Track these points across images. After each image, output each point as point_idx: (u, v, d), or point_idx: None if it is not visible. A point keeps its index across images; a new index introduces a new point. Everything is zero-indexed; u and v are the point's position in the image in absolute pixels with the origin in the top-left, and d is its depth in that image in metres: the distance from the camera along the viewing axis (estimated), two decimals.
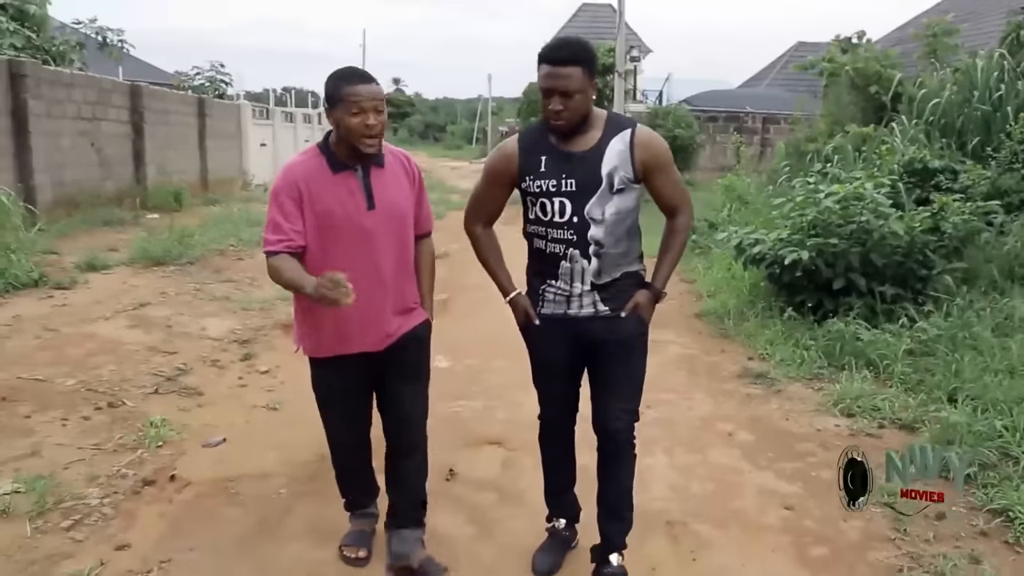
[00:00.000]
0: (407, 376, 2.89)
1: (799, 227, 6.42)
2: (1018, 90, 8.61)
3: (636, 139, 2.65)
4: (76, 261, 8.37)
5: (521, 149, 2.74)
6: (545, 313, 2.79)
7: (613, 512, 2.91)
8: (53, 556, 3.04)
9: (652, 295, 2.80)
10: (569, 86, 2.53)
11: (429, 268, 2.98)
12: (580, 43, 2.64)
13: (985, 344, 4.95)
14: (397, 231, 2.74)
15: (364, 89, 2.54)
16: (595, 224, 2.64)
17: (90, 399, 4.66)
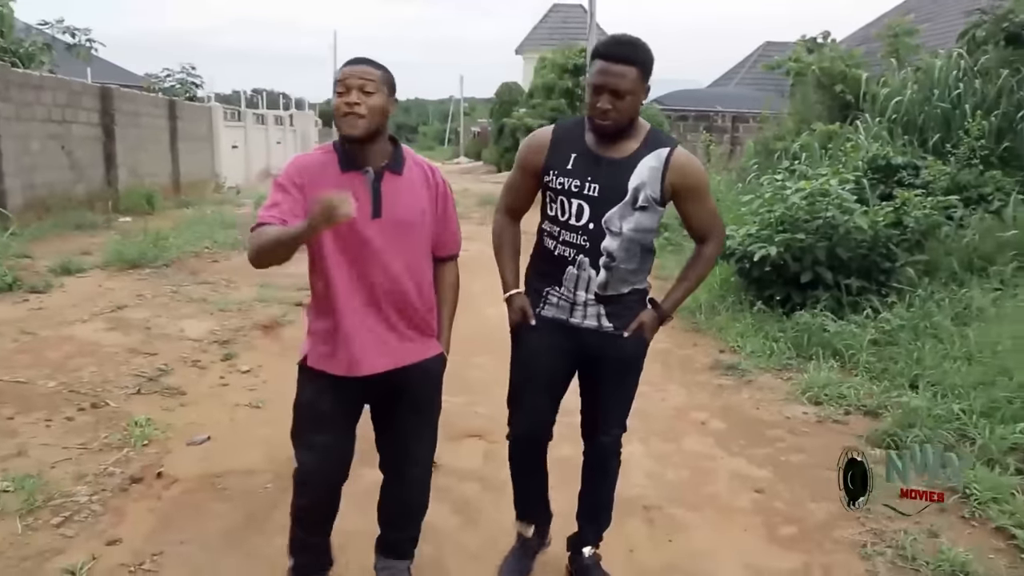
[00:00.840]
0: (414, 414, 2.64)
1: (767, 223, 6.61)
2: (975, 88, 8.87)
3: (672, 161, 2.53)
4: (50, 265, 8.34)
5: (554, 141, 2.62)
6: (545, 316, 2.69)
7: (592, 515, 2.94)
8: (45, 552, 3.10)
9: (658, 316, 2.72)
10: (621, 85, 2.40)
11: (451, 296, 2.71)
12: (640, 43, 2.49)
13: (945, 333, 5.16)
14: (405, 246, 2.46)
15: (351, 68, 2.35)
16: (611, 235, 2.53)
17: (72, 400, 4.70)
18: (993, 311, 5.34)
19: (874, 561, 3.07)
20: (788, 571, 3.04)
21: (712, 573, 3.02)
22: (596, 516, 2.95)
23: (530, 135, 2.78)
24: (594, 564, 2.92)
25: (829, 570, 3.04)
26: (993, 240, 6.64)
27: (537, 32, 36.85)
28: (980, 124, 7.93)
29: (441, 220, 2.59)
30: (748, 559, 3.12)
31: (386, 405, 2.64)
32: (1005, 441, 3.81)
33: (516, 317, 2.73)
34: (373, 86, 2.34)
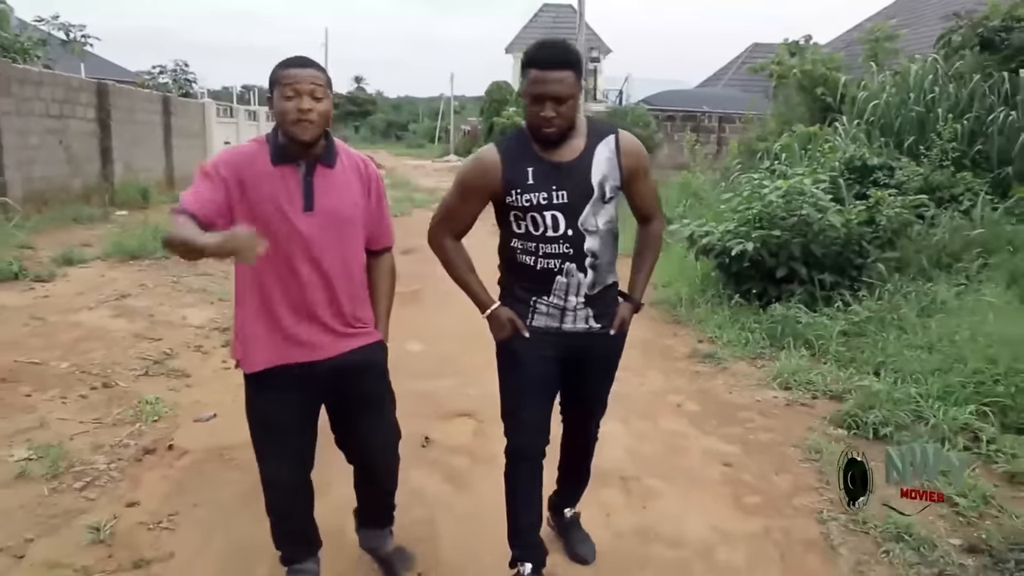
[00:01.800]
0: (363, 406, 2.65)
1: (746, 220, 6.91)
2: (949, 92, 9.20)
3: (621, 145, 2.57)
4: (52, 255, 8.58)
5: (504, 160, 2.55)
6: (537, 326, 2.65)
7: (571, 487, 3.16)
8: (70, 512, 3.38)
9: (633, 307, 2.77)
10: (561, 91, 2.40)
11: (387, 287, 2.74)
12: (569, 46, 2.52)
13: (909, 324, 5.47)
14: (338, 239, 2.47)
15: (300, 71, 2.32)
16: (590, 235, 2.54)
17: (85, 380, 4.97)
18: (956, 304, 5.65)
19: (828, 525, 3.37)
20: (750, 534, 3.34)
21: (681, 534, 3.31)
22: (575, 486, 3.16)
23: (473, 157, 2.69)
24: (574, 521, 3.18)
25: (788, 533, 3.34)
26: (961, 238, 6.96)
27: (527, 31, 37.15)
28: (952, 127, 8.25)
29: (375, 213, 2.60)
30: (714, 523, 3.42)
31: (336, 402, 2.65)
32: (956, 421, 4.12)
33: (505, 331, 2.67)
34: (322, 91, 2.34)
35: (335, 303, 2.50)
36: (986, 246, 6.73)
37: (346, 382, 2.57)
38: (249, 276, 2.45)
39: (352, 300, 2.56)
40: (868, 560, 3.10)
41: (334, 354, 2.51)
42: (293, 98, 2.30)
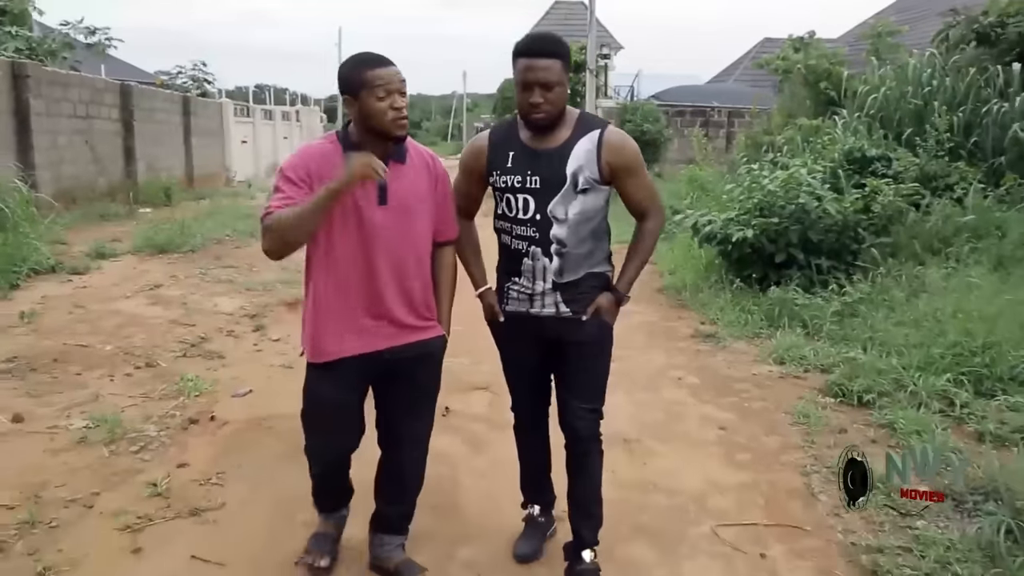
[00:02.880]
0: (414, 394, 2.78)
1: (746, 209, 7.25)
2: (946, 86, 9.50)
3: (604, 140, 2.63)
4: (85, 250, 9.02)
5: (491, 144, 2.75)
6: (509, 311, 2.81)
7: (582, 510, 2.94)
8: (129, 471, 3.77)
9: (615, 298, 2.79)
10: (549, 78, 2.52)
11: (449, 279, 2.83)
12: (555, 37, 2.65)
13: (897, 303, 5.80)
14: (409, 231, 2.59)
15: (388, 71, 2.43)
16: (557, 223, 2.63)
17: (129, 360, 5.38)
18: (943, 285, 5.97)
19: (811, 477, 3.73)
20: (740, 484, 3.70)
21: (678, 486, 3.68)
22: (585, 508, 2.94)
23: (469, 141, 2.92)
24: (595, 571, 2.89)
25: (773, 484, 3.70)
26: (952, 224, 7.26)
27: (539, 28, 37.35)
28: (947, 119, 8.55)
29: (441, 206, 2.72)
30: (708, 476, 3.78)
31: (388, 386, 2.75)
32: (934, 388, 4.47)
33: (488, 314, 2.90)
34: (405, 86, 2.47)
35: (406, 294, 2.62)
36: (976, 232, 7.03)
37: (404, 371, 2.68)
38: (322, 270, 2.56)
39: (422, 291, 2.68)
40: (843, 504, 3.45)
41: (399, 343, 2.63)
42: (386, 98, 2.40)
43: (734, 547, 3.17)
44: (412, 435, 2.83)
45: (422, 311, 2.69)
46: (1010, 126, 8.46)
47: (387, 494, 2.93)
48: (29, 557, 2.98)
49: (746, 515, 3.42)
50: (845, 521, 3.32)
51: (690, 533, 3.29)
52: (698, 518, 3.40)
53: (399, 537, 2.95)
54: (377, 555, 2.94)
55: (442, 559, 3.07)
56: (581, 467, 2.93)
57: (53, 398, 4.61)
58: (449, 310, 2.86)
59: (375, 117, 2.43)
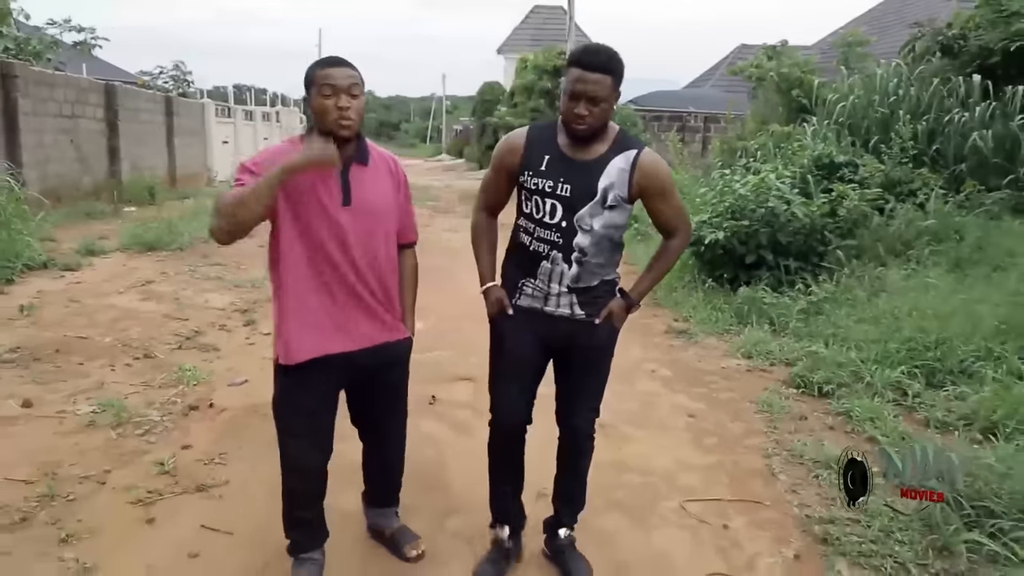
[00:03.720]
0: (386, 395, 2.90)
1: (718, 212, 7.58)
2: (911, 95, 9.90)
3: (639, 163, 2.66)
4: (75, 247, 9.20)
5: (528, 142, 2.75)
6: (521, 305, 2.82)
7: (568, 498, 3.07)
8: (136, 451, 4.01)
9: (626, 305, 2.84)
10: (598, 93, 2.54)
11: (411, 281, 2.89)
12: (613, 52, 2.63)
13: (859, 302, 6.15)
14: (374, 232, 2.63)
15: (336, 70, 2.46)
16: (583, 232, 2.67)
17: (127, 352, 5.60)
18: (902, 285, 6.32)
19: (771, 459, 4.05)
20: (707, 465, 4.01)
21: (650, 466, 3.98)
22: (571, 498, 3.08)
23: (505, 137, 2.87)
24: (570, 545, 3.07)
25: (737, 464, 4.01)
26: (914, 228, 7.62)
27: (518, 33, 37.68)
28: (910, 127, 8.95)
29: (403, 208, 2.78)
30: (677, 458, 4.09)
31: (360, 389, 2.84)
32: (889, 380, 4.80)
33: (494, 309, 2.87)
34: (358, 88, 2.49)
35: (372, 295, 2.67)
36: (936, 235, 7.39)
37: (376, 372, 2.78)
38: (290, 272, 2.57)
39: (388, 293, 2.74)
40: (801, 483, 3.78)
41: (369, 345, 2.68)
42: (331, 96, 2.44)
43: (699, 519, 3.47)
44: (390, 431, 3.02)
45: (388, 313, 2.74)
46: (970, 135, 8.87)
47: (374, 477, 3.16)
48: (52, 526, 3.23)
49: (711, 492, 3.73)
50: (801, 497, 3.64)
51: (660, 507, 3.59)
52: (668, 494, 3.71)
53: (392, 507, 3.20)
54: (374, 523, 3.20)
55: (433, 529, 3.34)
56: (574, 463, 3.03)
57: (58, 386, 4.83)
58: (412, 312, 2.92)
59: (320, 114, 2.47)
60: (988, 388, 4.35)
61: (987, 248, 6.94)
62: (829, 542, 3.22)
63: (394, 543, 3.12)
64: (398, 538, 3.12)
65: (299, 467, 2.78)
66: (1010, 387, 4.27)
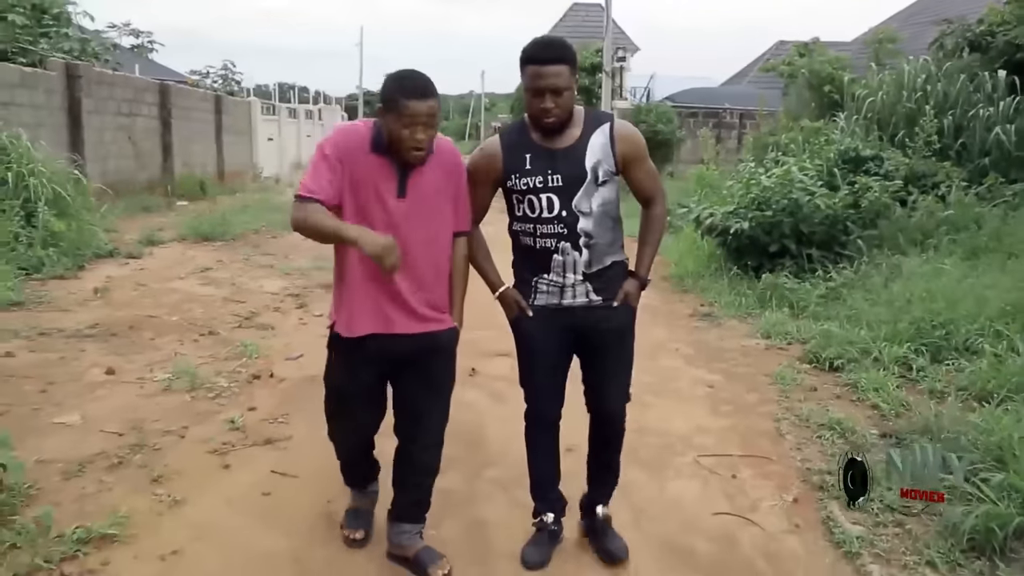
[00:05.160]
0: (427, 384, 2.86)
1: (744, 203, 7.93)
2: (938, 91, 10.13)
3: (616, 132, 2.75)
4: (136, 237, 9.83)
5: (504, 148, 2.80)
6: (539, 304, 2.85)
7: (601, 479, 3.16)
8: (209, 411, 4.52)
9: (639, 283, 2.90)
10: (559, 83, 2.60)
11: (462, 271, 2.90)
12: (561, 41, 2.72)
13: (875, 287, 6.47)
14: (427, 224, 2.68)
15: (418, 105, 2.50)
16: (584, 216, 2.72)
17: (193, 329, 6.13)
18: (917, 271, 6.63)
19: (780, 423, 4.43)
20: (721, 428, 4.42)
21: (668, 429, 4.38)
22: (605, 479, 3.16)
23: (478, 150, 2.93)
24: (606, 524, 3.13)
25: (749, 427, 4.41)
26: (935, 219, 7.91)
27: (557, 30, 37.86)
28: (934, 122, 9.19)
29: (457, 198, 2.79)
30: (695, 422, 4.49)
31: (402, 376, 2.86)
32: (896, 355, 5.14)
33: (512, 311, 2.92)
34: (435, 120, 2.56)
35: (421, 282, 2.72)
36: (955, 225, 7.67)
37: (418, 361, 2.80)
38: (348, 256, 2.68)
39: (438, 284, 2.78)
40: (805, 442, 4.16)
41: (415, 331, 2.73)
42: (409, 127, 2.51)
43: (711, 471, 3.88)
44: (425, 423, 2.91)
45: (436, 303, 2.78)
46: (994, 129, 9.09)
47: (403, 482, 3.02)
48: (143, 469, 3.73)
49: (724, 449, 4.13)
50: (804, 453, 4.03)
51: (676, 462, 4.00)
52: (683, 451, 4.12)
53: (417, 525, 3.02)
54: (396, 543, 3.01)
55: (471, 477, 3.79)
56: (607, 444, 3.10)
57: (135, 357, 5.37)
58: (462, 301, 2.94)
59: (395, 140, 2.55)
60: (985, 362, 4.67)
61: (1004, 237, 7.21)
62: (825, 489, 3.60)
63: (418, 564, 2.94)
64: (423, 558, 2.94)
65: (343, 443, 3.02)
66: (1004, 360, 4.59)
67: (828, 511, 3.42)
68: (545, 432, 3.10)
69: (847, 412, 4.49)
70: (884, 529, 3.26)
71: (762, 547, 3.21)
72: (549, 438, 3.12)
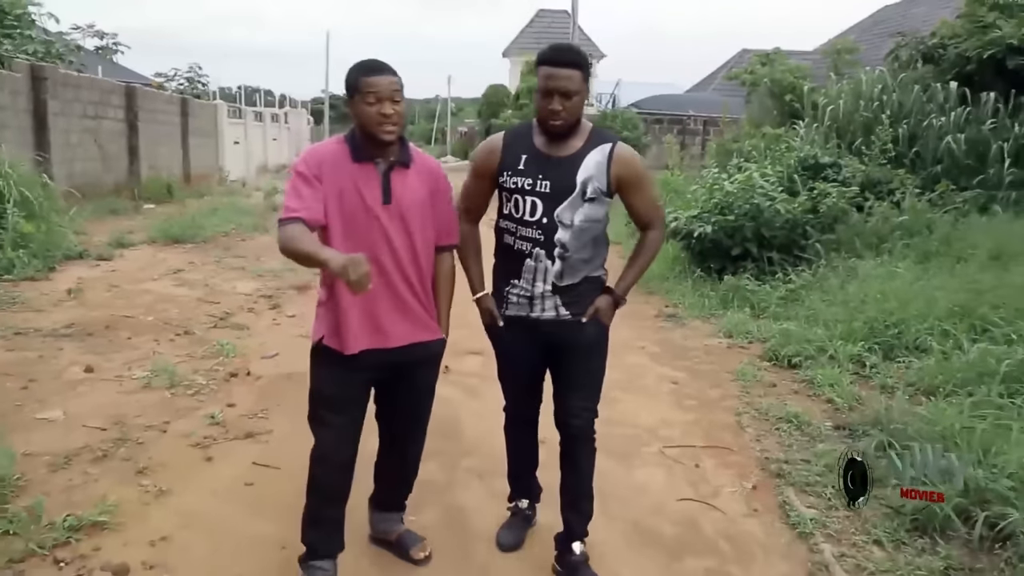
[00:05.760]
0: (415, 392, 2.91)
1: (707, 208, 8.19)
2: (893, 101, 10.50)
3: (615, 155, 2.74)
4: (105, 240, 9.83)
5: (505, 144, 2.82)
6: (509, 315, 2.88)
7: (574, 504, 3.05)
8: (189, 407, 4.62)
9: (613, 300, 2.89)
10: (569, 87, 2.62)
11: (448, 283, 2.90)
12: (578, 49, 2.76)
13: (832, 288, 6.74)
14: (411, 232, 2.67)
15: (381, 79, 2.53)
16: (563, 228, 2.72)
17: (168, 329, 6.22)
18: (872, 273, 6.91)
19: (741, 416, 4.66)
20: (685, 421, 4.63)
21: (636, 422, 4.58)
22: (578, 505, 3.05)
23: (484, 142, 2.96)
24: (583, 562, 3.02)
25: (712, 420, 4.63)
26: (889, 224, 8.22)
27: (523, 36, 38.28)
28: (888, 131, 9.55)
29: (443, 211, 2.81)
30: (660, 416, 4.70)
31: (390, 386, 2.86)
32: (850, 353, 5.40)
33: (485, 319, 2.97)
34: (399, 94, 2.57)
35: (411, 290, 2.72)
36: (909, 230, 7.99)
37: (408, 369, 2.80)
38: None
39: (424, 293, 2.78)
40: (765, 434, 4.38)
41: (405, 343, 2.73)
42: (374, 104, 2.52)
43: (675, 460, 4.09)
44: (412, 435, 3.01)
45: (424, 313, 2.78)
46: (945, 138, 9.46)
47: (387, 482, 3.13)
48: (127, 462, 3.84)
49: (687, 441, 4.34)
50: (763, 444, 4.25)
51: (642, 452, 4.20)
52: (650, 442, 4.32)
53: (399, 512, 3.17)
54: (380, 528, 3.17)
55: (449, 467, 3.96)
56: (575, 464, 3.02)
57: (113, 355, 5.45)
58: (448, 314, 2.94)
59: (364, 121, 2.55)
60: (933, 359, 4.94)
61: (953, 242, 7.53)
62: (782, 476, 3.83)
63: (400, 546, 3.13)
64: (405, 541, 3.13)
65: (324, 456, 2.84)
66: (950, 357, 4.86)
67: (784, 496, 3.64)
68: (523, 428, 3.21)
69: (804, 406, 4.72)
70: (836, 512, 3.49)
71: (723, 530, 3.42)
72: (527, 433, 3.23)
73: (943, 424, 3.79)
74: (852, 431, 4.28)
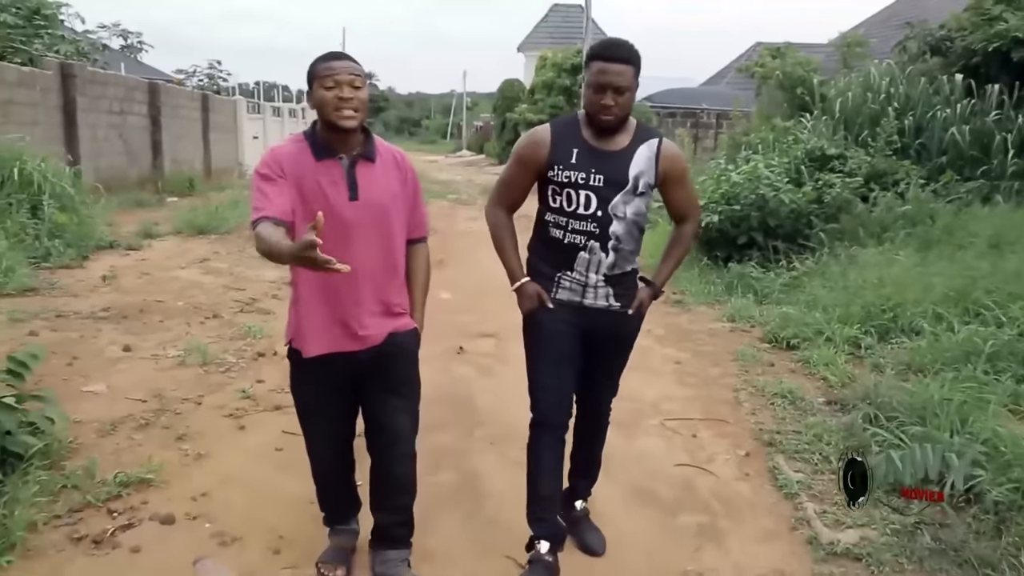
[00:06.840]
0: (390, 388, 2.74)
1: (715, 198, 8.45)
2: (900, 93, 10.69)
3: (662, 150, 2.80)
4: (133, 231, 10.20)
5: (554, 138, 2.80)
6: (560, 298, 2.86)
7: (583, 472, 3.28)
8: (221, 383, 4.95)
9: (652, 293, 3.00)
10: (622, 82, 2.64)
11: (422, 276, 2.84)
12: (630, 44, 2.73)
13: (833, 275, 6.99)
14: (380, 227, 2.60)
15: (338, 64, 2.47)
16: (617, 220, 2.75)
17: (198, 313, 6.55)
18: (872, 261, 7.15)
19: (739, 392, 4.94)
20: (686, 396, 4.92)
21: (639, 397, 4.85)
22: (588, 471, 3.28)
23: (529, 133, 2.93)
24: (584, 516, 3.28)
25: (711, 396, 4.92)
26: (893, 214, 8.45)
27: (538, 31, 38.48)
28: (894, 122, 9.75)
29: (411, 203, 2.73)
30: (663, 392, 4.99)
31: (365, 382, 2.73)
32: (847, 335, 5.66)
33: (531, 303, 2.88)
34: (360, 81, 2.49)
35: (380, 288, 2.65)
36: (912, 220, 8.21)
37: (382, 365, 2.69)
38: (301, 273, 2.60)
39: (390, 284, 2.69)
40: (760, 408, 4.66)
41: (377, 341, 2.65)
42: (333, 88, 2.45)
43: (674, 431, 4.38)
44: (393, 430, 2.78)
45: (395, 307, 2.72)
46: (950, 129, 9.66)
47: (379, 497, 2.89)
48: (167, 429, 4.17)
49: (687, 414, 4.63)
50: (758, 417, 4.54)
51: (644, 423, 4.49)
52: (651, 415, 4.61)
53: (402, 551, 2.91)
54: (381, 572, 2.88)
55: (463, 436, 4.26)
56: (595, 435, 3.23)
57: (148, 336, 5.79)
58: (423, 305, 2.87)
59: (321, 106, 2.48)
60: (925, 340, 5.19)
61: (955, 231, 7.74)
62: (773, 445, 4.12)
63: None
64: None
65: (320, 453, 2.90)
66: (940, 338, 5.11)
67: (774, 462, 3.93)
68: (550, 442, 2.95)
69: (799, 383, 5.00)
70: (821, 476, 3.78)
71: (716, 491, 3.71)
72: (553, 449, 2.96)
73: (923, 396, 4.05)
74: (843, 406, 4.55)
